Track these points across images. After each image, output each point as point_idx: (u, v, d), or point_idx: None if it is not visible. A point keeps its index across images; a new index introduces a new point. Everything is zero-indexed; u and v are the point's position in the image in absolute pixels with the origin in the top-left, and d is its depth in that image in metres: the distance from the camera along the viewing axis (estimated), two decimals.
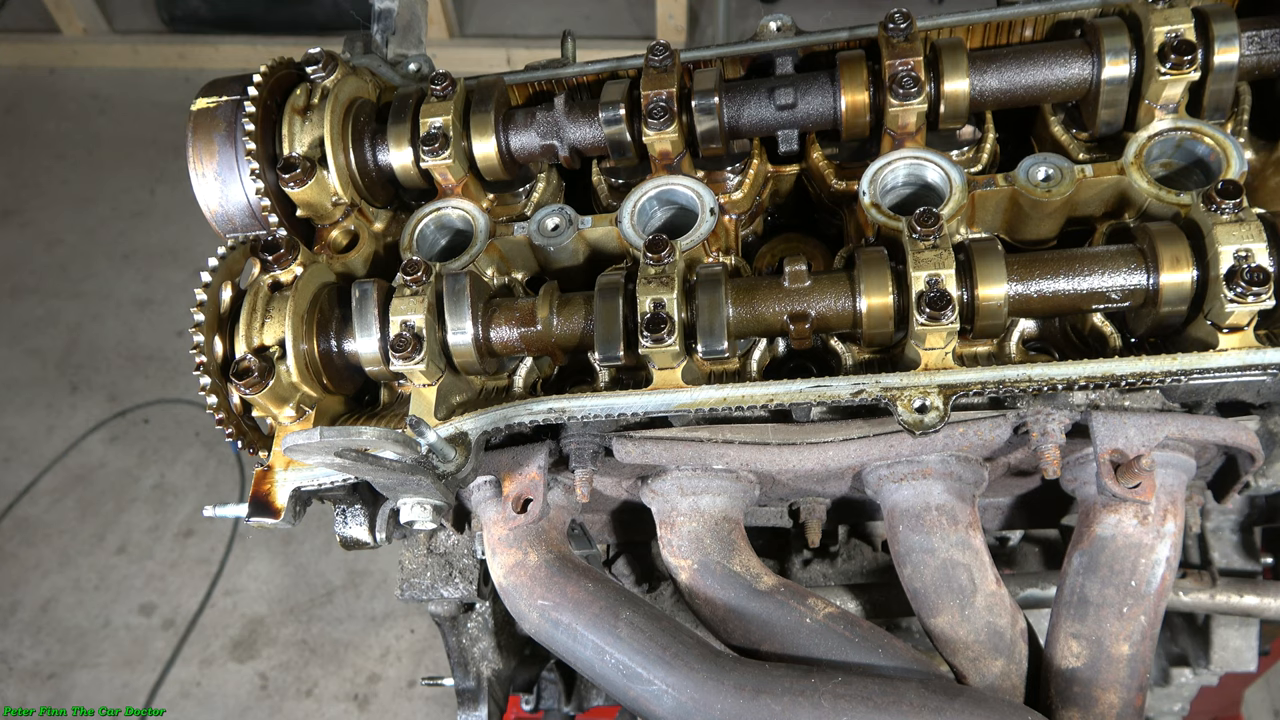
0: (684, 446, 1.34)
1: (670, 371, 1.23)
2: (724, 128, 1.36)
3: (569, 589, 1.30)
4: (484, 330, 1.28)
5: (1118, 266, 1.17)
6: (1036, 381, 1.16)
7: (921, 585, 1.29)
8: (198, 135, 1.37)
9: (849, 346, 1.31)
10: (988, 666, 1.27)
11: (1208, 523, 1.85)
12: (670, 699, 1.19)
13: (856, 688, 1.16)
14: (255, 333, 1.27)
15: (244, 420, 1.31)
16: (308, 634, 4.36)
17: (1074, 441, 1.28)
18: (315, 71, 1.40)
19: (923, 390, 1.17)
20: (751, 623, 1.30)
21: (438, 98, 1.42)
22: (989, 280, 1.16)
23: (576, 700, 2.18)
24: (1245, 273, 1.08)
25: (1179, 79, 1.25)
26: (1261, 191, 1.36)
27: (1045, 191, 1.26)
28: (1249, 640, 1.92)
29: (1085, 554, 1.27)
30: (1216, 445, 1.28)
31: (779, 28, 1.46)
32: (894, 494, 1.33)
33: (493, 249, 1.41)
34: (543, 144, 1.43)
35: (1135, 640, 1.24)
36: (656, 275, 1.22)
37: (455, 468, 1.21)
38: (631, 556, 2.06)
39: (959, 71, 1.29)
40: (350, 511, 1.38)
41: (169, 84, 6.11)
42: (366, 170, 1.43)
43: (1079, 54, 1.30)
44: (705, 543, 1.35)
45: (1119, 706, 1.23)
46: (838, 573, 1.99)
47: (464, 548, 1.64)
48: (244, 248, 1.35)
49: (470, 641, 1.87)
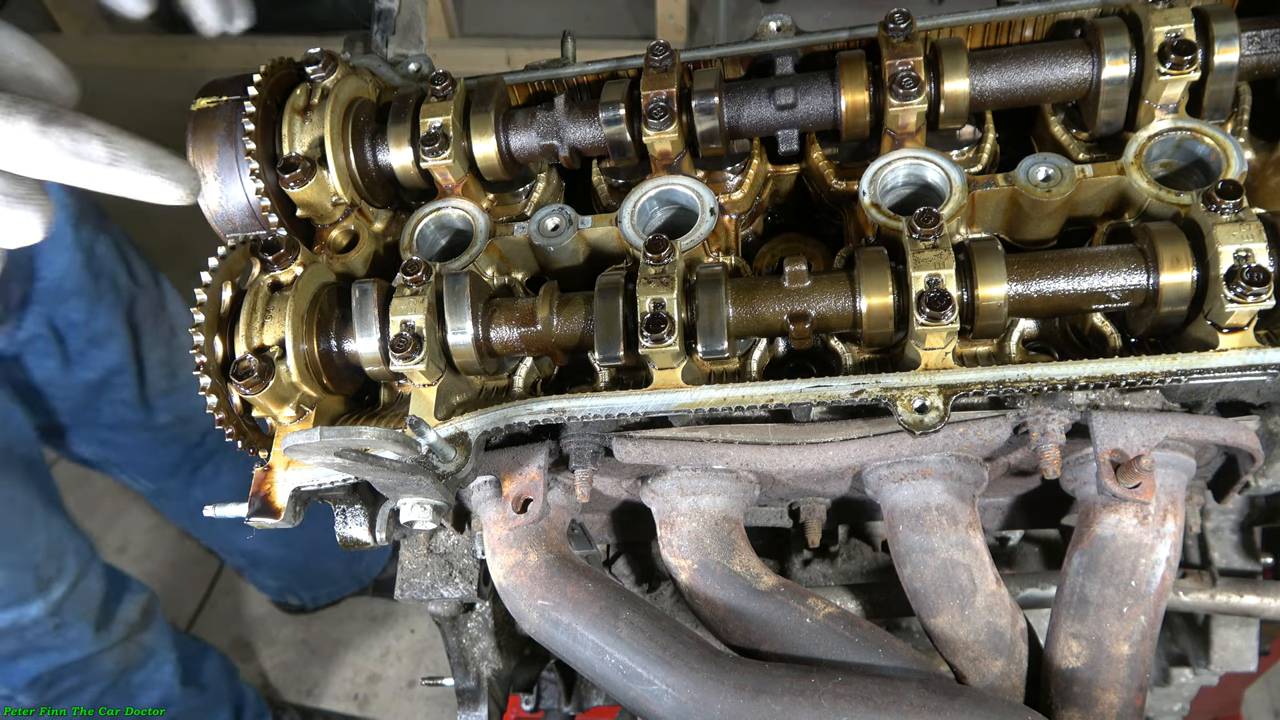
0: (684, 446, 1.34)
1: (670, 371, 1.23)
2: (724, 128, 1.36)
3: (569, 589, 1.30)
4: (484, 330, 1.28)
5: (1118, 266, 1.17)
6: (1036, 381, 1.16)
7: (921, 585, 1.30)
8: (198, 135, 1.37)
9: (849, 346, 1.31)
10: (988, 666, 1.27)
11: (1208, 523, 1.85)
12: (670, 699, 1.19)
13: (856, 688, 1.16)
14: (255, 333, 1.27)
15: (244, 420, 1.31)
16: (308, 634, 4.36)
17: (1074, 441, 1.28)
18: (315, 71, 1.40)
19: (923, 390, 1.17)
20: (751, 623, 1.30)
21: (438, 98, 1.42)
22: (989, 280, 1.16)
23: (576, 700, 2.18)
24: (1245, 273, 1.08)
25: (1179, 79, 1.25)
26: (1261, 191, 1.36)
27: (1045, 191, 1.26)
28: (1249, 640, 1.92)
29: (1085, 554, 1.27)
30: (1216, 445, 1.28)
31: (779, 28, 1.46)
32: (894, 494, 1.33)
33: (493, 249, 1.41)
34: (543, 144, 1.43)
35: (1135, 640, 1.24)
36: (656, 275, 1.22)
37: (455, 468, 1.21)
38: (631, 556, 2.06)
39: (959, 71, 1.29)
40: (350, 511, 1.38)
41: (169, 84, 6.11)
42: (366, 170, 1.43)
43: (1079, 54, 1.30)
44: (705, 543, 1.35)
45: (1119, 706, 1.23)
46: (838, 573, 1.99)
47: (464, 548, 1.64)
48: (244, 248, 1.35)
49: (470, 641, 1.87)
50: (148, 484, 3.37)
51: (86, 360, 2.75)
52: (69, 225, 2.57)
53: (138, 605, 3.07)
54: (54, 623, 2.69)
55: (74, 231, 2.58)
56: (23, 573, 2.56)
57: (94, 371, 2.79)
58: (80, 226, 2.60)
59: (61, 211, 2.53)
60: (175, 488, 3.39)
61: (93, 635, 2.83)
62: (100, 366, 2.79)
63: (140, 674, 3.13)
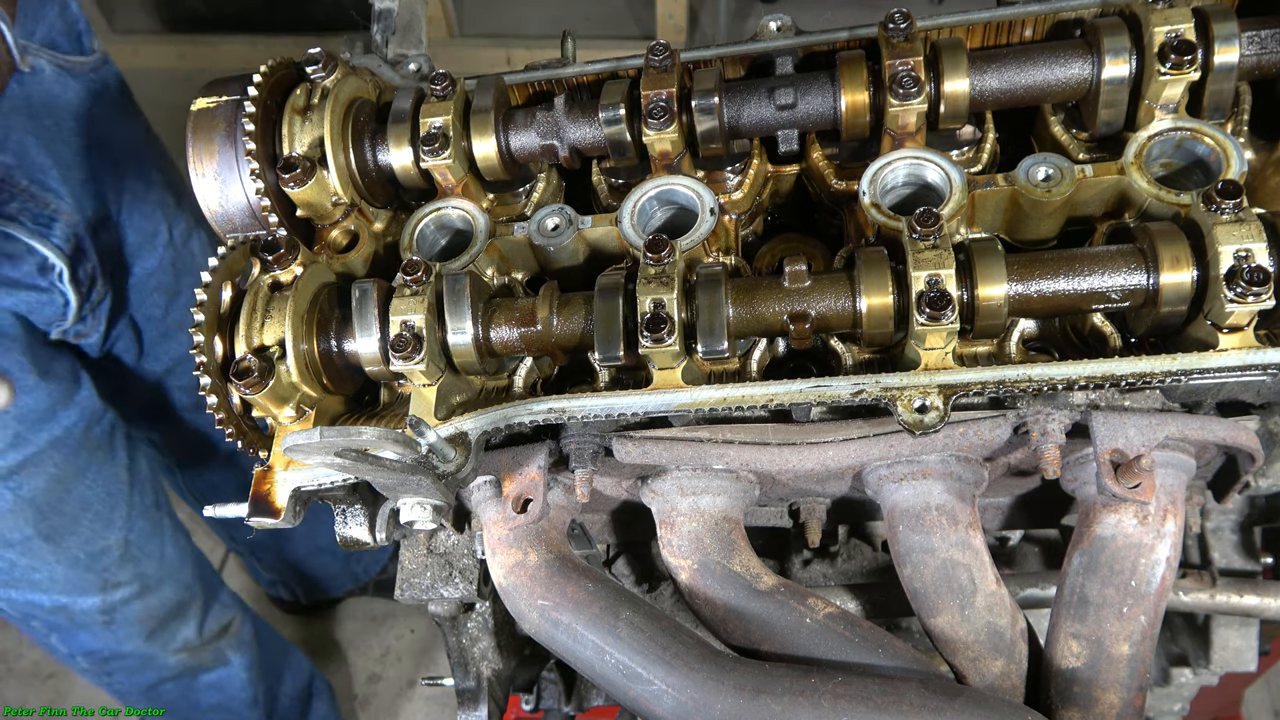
0: (684, 446, 1.34)
1: (670, 371, 1.23)
2: (724, 128, 1.36)
3: (569, 589, 1.30)
4: (484, 330, 1.28)
5: (1118, 266, 1.17)
6: (1036, 381, 1.16)
7: (921, 585, 1.29)
8: (198, 135, 1.37)
9: (849, 346, 1.31)
10: (988, 666, 1.27)
11: (1208, 523, 1.85)
12: (670, 699, 1.19)
13: (856, 688, 1.16)
14: (255, 333, 1.27)
15: (244, 420, 1.31)
16: (308, 634, 4.36)
17: (1074, 441, 1.28)
18: (315, 71, 1.40)
19: (923, 390, 1.17)
20: (751, 623, 1.30)
21: (438, 98, 1.42)
22: (989, 280, 1.16)
23: (576, 700, 2.18)
24: (1245, 273, 1.08)
25: (1179, 79, 1.25)
26: (1261, 191, 1.36)
27: (1045, 191, 1.26)
28: (1249, 640, 1.92)
29: (1085, 554, 1.27)
30: (1216, 445, 1.28)
31: (779, 28, 1.46)
32: (894, 494, 1.33)
33: (493, 249, 1.41)
34: (543, 144, 1.43)
35: (1135, 640, 1.24)
36: (656, 275, 1.22)
37: (455, 468, 1.21)
38: (631, 556, 2.06)
39: (959, 71, 1.29)
40: (350, 511, 1.38)
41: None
42: (366, 170, 1.43)
43: (1079, 54, 1.30)
44: (705, 543, 1.35)
45: (1119, 706, 1.23)
46: (838, 573, 1.99)
47: (464, 548, 1.64)
48: (244, 248, 1.35)
49: (470, 641, 1.87)
50: (182, 479, 3.38)
51: (157, 352, 2.80)
52: (163, 224, 2.62)
53: (218, 623, 3.09)
54: (105, 619, 2.72)
55: (168, 230, 2.63)
56: (86, 571, 2.58)
57: (161, 363, 2.83)
58: (175, 224, 2.65)
59: (158, 210, 2.58)
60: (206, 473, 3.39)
61: (143, 642, 2.86)
62: (168, 358, 2.84)
63: (210, 675, 3.17)
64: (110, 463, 2.58)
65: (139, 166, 2.54)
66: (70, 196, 2.22)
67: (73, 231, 2.22)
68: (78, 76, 2.28)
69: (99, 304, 2.44)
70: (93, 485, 2.52)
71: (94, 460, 2.52)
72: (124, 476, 2.64)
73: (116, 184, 2.45)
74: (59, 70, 2.22)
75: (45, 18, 2.20)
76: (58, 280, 2.22)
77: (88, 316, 2.41)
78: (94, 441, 2.51)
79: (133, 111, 2.57)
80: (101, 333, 2.51)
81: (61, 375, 2.39)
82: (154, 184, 2.60)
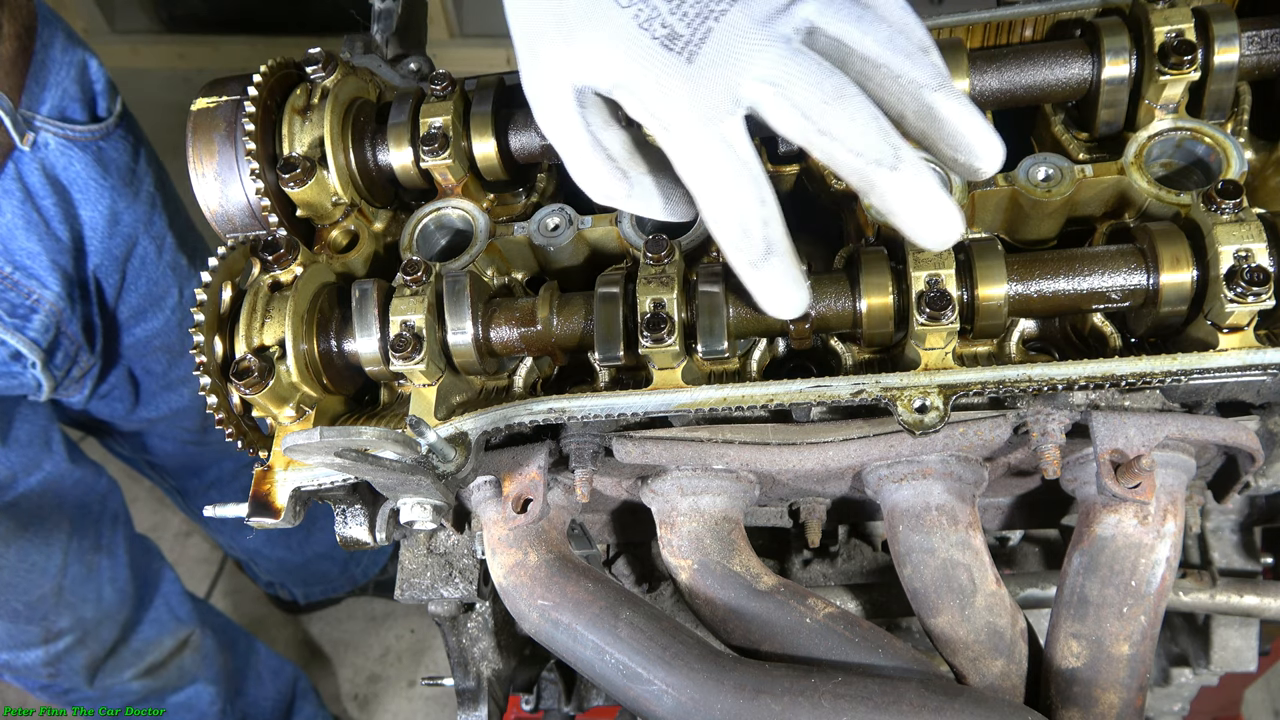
0: (684, 446, 1.34)
1: (670, 371, 1.23)
2: None
3: (569, 589, 1.30)
4: (484, 330, 1.28)
5: (1118, 266, 1.17)
6: (1036, 381, 1.16)
7: (921, 585, 1.29)
8: (198, 135, 1.37)
9: (849, 346, 1.31)
10: (988, 666, 1.27)
11: (1208, 523, 1.85)
12: (670, 699, 1.19)
13: (856, 688, 1.16)
14: (255, 333, 1.27)
15: (244, 420, 1.31)
16: (308, 634, 4.36)
17: (1074, 441, 1.28)
18: (315, 71, 1.40)
19: (923, 390, 1.17)
20: (751, 623, 1.30)
21: (437, 98, 1.42)
22: (989, 280, 1.16)
23: (576, 700, 2.18)
24: (1245, 273, 1.08)
25: (1179, 79, 1.25)
26: (1261, 191, 1.36)
27: (1045, 191, 1.26)
28: (1249, 640, 1.92)
29: (1085, 554, 1.27)
30: (1216, 445, 1.28)
31: None
32: (894, 494, 1.33)
33: (493, 249, 1.41)
34: (542, 144, 1.43)
35: (1135, 640, 1.24)
36: (656, 275, 1.22)
37: (455, 468, 1.21)
38: (631, 556, 2.06)
39: (959, 71, 1.29)
40: (350, 511, 1.38)
41: (169, 84, 6.11)
42: (366, 170, 1.43)
43: (1079, 54, 1.30)
44: (705, 543, 1.35)
45: (1119, 706, 1.23)
46: (838, 573, 1.99)
47: (464, 548, 1.64)
48: (244, 248, 1.35)
49: (470, 641, 1.87)
50: (174, 484, 3.33)
51: (155, 403, 2.69)
52: (174, 286, 2.50)
53: (174, 640, 3.02)
54: (49, 672, 2.66)
55: (178, 293, 2.51)
56: (27, 624, 2.50)
57: (159, 411, 2.72)
58: (187, 286, 2.52)
59: (169, 273, 2.47)
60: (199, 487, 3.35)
61: (89, 688, 2.81)
62: (167, 408, 2.72)
63: (178, 696, 3.14)
64: (57, 512, 2.48)
65: (149, 232, 2.39)
66: (58, 284, 2.10)
67: (53, 321, 2.11)
68: (86, 148, 2.12)
69: (83, 375, 2.33)
70: (33, 538, 2.42)
71: (44, 518, 2.43)
72: (65, 527, 2.53)
73: (123, 254, 2.32)
74: (65, 143, 2.07)
75: (59, 84, 2.05)
76: (30, 367, 2.12)
77: (70, 387, 2.32)
78: (51, 502, 2.42)
79: (143, 173, 2.38)
80: (85, 394, 2.42)
81: (28, 441, 2.28)
82: (166, 247, 2.45)
